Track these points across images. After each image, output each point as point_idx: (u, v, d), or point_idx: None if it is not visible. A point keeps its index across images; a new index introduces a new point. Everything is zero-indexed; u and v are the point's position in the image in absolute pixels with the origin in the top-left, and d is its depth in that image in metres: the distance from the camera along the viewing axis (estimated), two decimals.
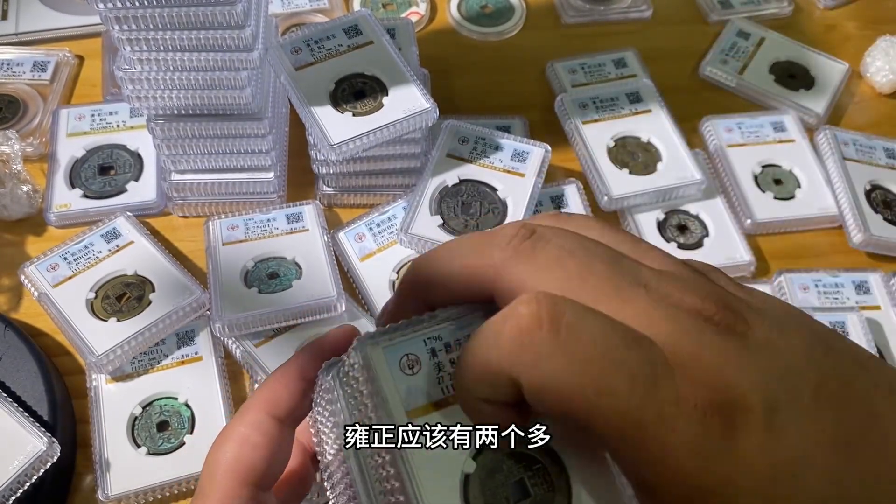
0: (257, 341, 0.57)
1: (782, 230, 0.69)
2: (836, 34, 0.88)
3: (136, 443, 0.54)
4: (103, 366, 0.55)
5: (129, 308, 0.58)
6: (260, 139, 0.61)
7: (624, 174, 0.67)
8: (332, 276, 0.60)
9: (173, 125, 0.60)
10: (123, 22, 0.53)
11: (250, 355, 0.56)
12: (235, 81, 0.57)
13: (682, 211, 0.68)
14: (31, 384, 0.54)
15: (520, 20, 0.85)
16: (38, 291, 0.59)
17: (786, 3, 0.88)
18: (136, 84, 0.57)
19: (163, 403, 0.56)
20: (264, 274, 0.60)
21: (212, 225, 0.63)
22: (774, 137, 0.74)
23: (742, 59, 0.81)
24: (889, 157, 0.72)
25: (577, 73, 0.79)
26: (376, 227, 0.64)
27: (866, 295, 0.64)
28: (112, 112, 0.71)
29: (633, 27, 0.86)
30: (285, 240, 0.63)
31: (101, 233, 0.63)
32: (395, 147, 0.63)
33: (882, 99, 0.82)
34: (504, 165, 0.65)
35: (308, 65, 0.62)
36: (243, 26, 0.54)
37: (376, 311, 0.60)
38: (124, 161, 0.69)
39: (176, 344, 0.58)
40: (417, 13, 0.84)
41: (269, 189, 0.65)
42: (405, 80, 0.61)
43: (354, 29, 0.64)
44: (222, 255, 0.61)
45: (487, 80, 0.80)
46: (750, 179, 0.70)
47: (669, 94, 0.74)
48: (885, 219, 0.68)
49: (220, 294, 0.58)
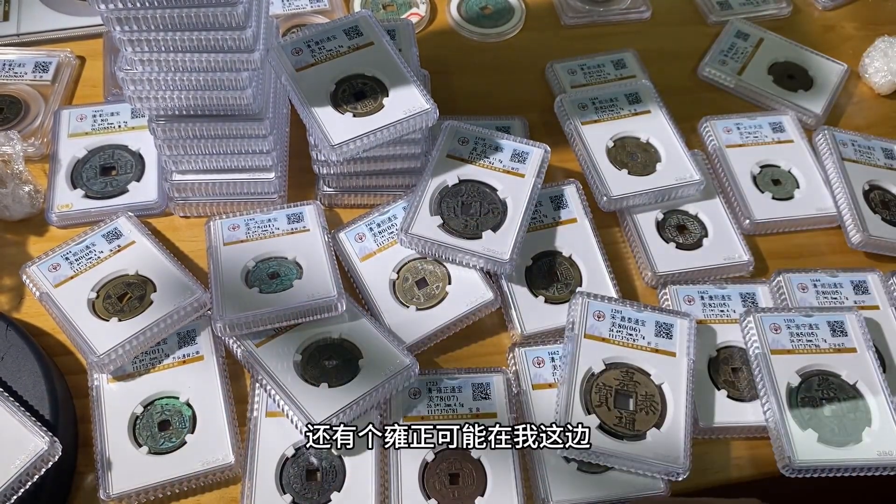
0: (258, 341, 0.57)
1: (781, 230, 0.70)
2: (835, 35, 0.88)
3: (137, 442, 0.55)
4: (105, 365, 0.55)
5: (131, 308, 0.59)
6: (261, 140, 0.61)
7: (623, 174, 0.68)
8: (332, 275, 0.60)
9: (174, 126, 0.60)
10: (125, 23, 0.53)
11: (251, 355, 0.57)
12: (236, 82, 0.57)
13: (681, 211, 0.68)
14: (33, 384, 0.54)
15: (519, 21, 0.85)
16: (40, 291, 0.59)
17: (784, 3, 0.89)
18: (138, 85, 0.57)
19: (164, 403, 0.56)
20: (265, 274, 0.61)
21: (213, 225, 0.63)
22: (773, 138, 0.74)
23: (741, 60, 0.81)
24: (887, 157, 0.73)
25: (577, 73, 0.79)
26: (377, 227, 0.65)
27: (865, 295, 0.64)
28: (113, 113, 0.72)
29: (632, 28, 0.87)
30: (286, 240, 0.63)
31: (103, 233, 0.63)
32: (396, 147, 0.63)
33: (880, 99, 0.82)
34: (504, 166, 0.65)
35: (309, 66, 0.62)
36: (244, 27, 0.54)
37: (376, 310, 0.60)
38: (126, 161, 0.69)
39: (177, 343, 0.58)
40: (417, 14, 0.84)
41: (269, 189, 0.65)
42: (405, 81, 0.61)
43: (355, 30, 0.64)
44: (223, 254, 0.61)
45: (487, 80, 0.80)
46: (749, 180, 0.71)
47: (668, 94, 0.74)
48: (883, 219, 0.68)
49: (221, 293, 0.58)
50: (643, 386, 0.57)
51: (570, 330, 0.58)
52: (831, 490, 0.76)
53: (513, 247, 0.60)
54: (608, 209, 0.67)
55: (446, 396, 0.57)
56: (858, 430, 0.56)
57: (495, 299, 0.60)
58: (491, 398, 0.57)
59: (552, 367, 0.58)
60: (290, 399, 0.54)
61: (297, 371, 0.56)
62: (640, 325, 0.59)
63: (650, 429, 0.55)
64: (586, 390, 0.56)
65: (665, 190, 0.67)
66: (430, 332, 0.59)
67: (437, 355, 0.61)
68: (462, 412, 0.56)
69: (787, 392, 0.57)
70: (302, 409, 0.53)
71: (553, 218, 0.66)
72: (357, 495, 0.53)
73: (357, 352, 0.57)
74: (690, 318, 0.60)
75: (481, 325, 0.62)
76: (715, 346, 0.61)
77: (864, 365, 0.59)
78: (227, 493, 0.54)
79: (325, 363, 0.56)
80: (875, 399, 0.57)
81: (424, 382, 0.57)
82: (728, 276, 0.66)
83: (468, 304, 0.60)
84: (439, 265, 0.63)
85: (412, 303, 0.61)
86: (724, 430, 0.57)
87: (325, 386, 0.55)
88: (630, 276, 0.66)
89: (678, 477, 0.53)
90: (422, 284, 0.62)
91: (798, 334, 0.60)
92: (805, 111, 0.77)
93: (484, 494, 0.53)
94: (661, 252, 0.65)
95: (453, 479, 0.54)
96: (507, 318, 0.62)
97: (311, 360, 0.57)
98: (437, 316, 0.60)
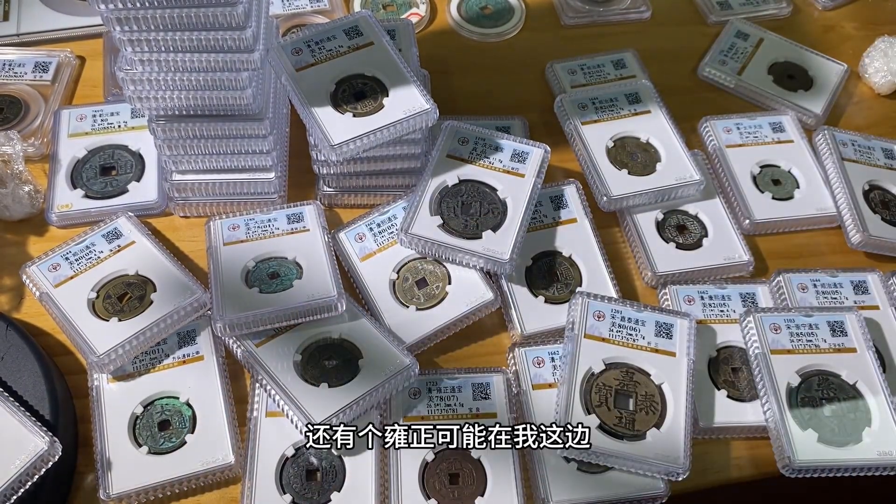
0: (258, 341, 0.57)
1: (781, 230, 0.70)
2: (835, 35, 0.88)
3: (137, 442, 0.54)
4: (104, 365, 0.55)
5: (131, 308, 0.59)
6: (261, 140, 0.61)
7: (623, 174, 0.68)
8: (332, 275, 0.60)
9: (174, 126, 0.60)
10: (125, 23, 0.53)
11: (251, 355, 0.57)
12: (236, 82, 0.57)
13: (681, 211, 0.68)
14: (33, 384, 0.54)
15: (519, 21, 0.85)
16: (40, 291, 0.59)
17: (784, 3, 0.89)
18: (138, 85, 0.57)
19: (164, 403, 0.56)
20: (265, 274, 0.61)
21: (213, 225, 0.63)
22: (773, 138, 0.74)
23: (741, 60, 0.82)
24: (887, 157, 0.73)
25: (577, 73, 0.79)
26: (377, 227, 0.65)
27: (865, 295, 0.64)
28: (113, 113, 0.72)
29: (632, 28, 0.87)
30: (286, 240, 0.63)
31: (103, 233, 0.63)
32: (396, 147, 0.63)
33: (880, 99, 0.82)
34: (504, 166, 0.65)
35: (309, 66, 0.62)
36: (244, 27, 0.54)
37: (376, 310, 0.60)
38: (126, 161, 0.69)
39: (177, 343, 0.58)
40: (417, 14, 0.84)
41: (269, 189, 0.65)
42: (405, 81, 0.61)
43: (355, 30, 0.64)
44: (223, 255, 0.61)
45: (487, 80, 0.80)
46: (748, 180, 0.71)
47: (668, 94, 0.74)
48: (883, 219, 0.68)
49: (221, 294, 0.58)
50: (643, 386, 0.57)
51: (569, 330, 0.58)
52: (831, 490, 0.77)
53: (513, 247, 0.60)
54: (608, 209, 0.67)
55: (446, 396, 0.57)
56: (858, 430, 0.56)
57: (495, 299, 0.60)
58: (491, 398, 0.57)
59: (552, 367, 0.58)
60: (291, 399, 0.54)
61: (297, 371, 0.56)
62: (640, 325, 0.59)
63: (650, 429, 0.55)
64: (586, 390, 0.56)
65: (665, 190, 0.67)
66: (430, 331, 0.59)
67: (437, 355, 0.61)
68: (462, 412, 0.56)
69: (787, 392, 0.57)
70: (302, 409, 0.53)
71: (553, 218, 0.66)
72: (357, 495, 0.53)
73: (357, 352, 0.57)
74: (690, 318, 0.60)
75: (481, 325, 0.62)
76: (715, 346, 0.61)
77: (864, 365, 0.59)
78: (226, 493, 0.54)
79: (325, 363, 0.56)
80: (875, 399, 0.57)
81: (424, 382, 0.57)
82: (728, 276, 0.66)
83: (468, 303, 0.60)
84: (439, 265, 0.63)
85: (412, 303, 0.61)
86: (725, 430, 0.57)
87: (325, 386, 0.55)
88: (630, 276, 0.66)
89: (678, 477, 0.53)
90: (422, 284, 0.62)
91: (798, 334, 0.60)
92: (805, 111, 0.77)
93: (484, 494, 0.53)
94: (661, 252, 0.65)
95: (453, 479, 0.54)
96: (507, 318, 0.62)
97: (312, 360, 0.57)
98: (437, 316, 0.60)
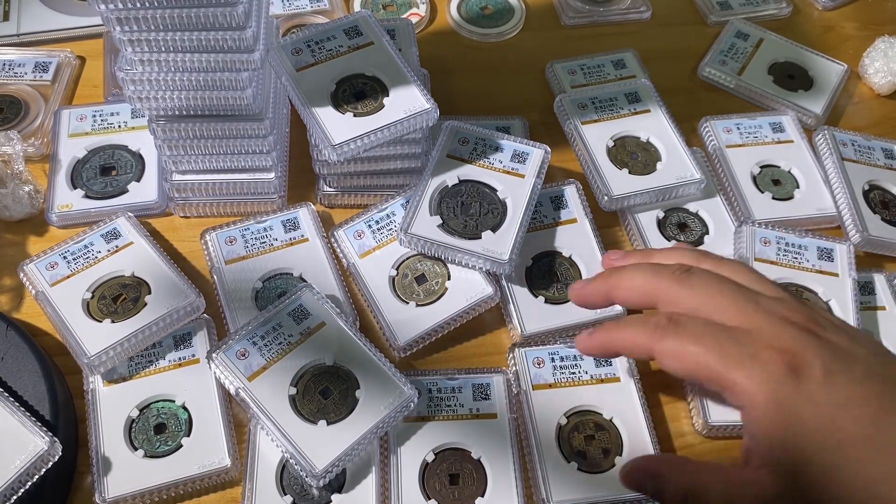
0: (250, 374, 0.55)
1: None
2: (835, 35, 0.88)
3: (133, 445, 0.54)
4: (95, 367, 0.55)
5: (125, 309, 0.58)
6: (261, 140, 0.61)
7: (623, 174, 0.68)
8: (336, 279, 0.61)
9: (174, 126, 0.60)
10: (125, 23, 0.53)
11: (245, 389, 0.55)
12: (236, 82, 0.57)
13: (682, 209, 0.68)
14: (33, 383, 0.54)
15: (519, 21, 0.85)
16: (36, 289, 0.59)
17: (784, 3, 0.89)
18: (138, 85, 0.57)
19: (160, 406, 0.56)
20: (274, 294, 0.61)
21: (210, 239, 0.63)
22: (773, 138, 0.74)
23: (741, 60, 0.82)
24: (887, 157, 0.73)
25: (577, 73, 0.79)
26: (375, 224, 0.65)
27: (870, 295, 0.64)
28: (113, 113, 0.72)
29: (632, 28, 0.87)
30: (287, 252, 0.63)
31: (102, 233, 0.63)
32: (396, 147, 0.63)
33: (880, 100, 0.82)
34: (504, 166, 0.65)
35: (309, 66, 0.62)
36: (244, 27, 0.54)
37: (376, 308, 0.60)
38: (126, 162, 0.69)
39: (173, 346, 0.58)
40: (417, 14, 0.84)
41: (270, 189, 0.65)
42: (405, 81, 0.61)
43: (355, 30, 0.64)
44: (227, 275, 0.61)
45: (487, 80, 0.80)
46: (748, 180, 0.71)
47: (668, 94, 0.74)
48: (883, 219, 0.68)
49: (234, 319, 0.59)
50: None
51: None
52: None
53: (512, 247, 0.60)
54: (609, 209, 0.67)
55: (446, 397, 0.57)
56: None
57: (495, 294, 0.60)
58: (491, 398, 0.57)
59: (552, 367, 0.58)
60: (290, 443, 0.52)
61: (292, 407, 0.54)
62: None
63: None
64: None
65: (666, 189, 0.67)
66: (431, 327, 0.59)
67: (436, 355, 0.61)
68: (462, 412, 0.56)
69: None
70: (305, 457, 0.51)
71: (553, 218, 0.66)
72: (357, 496, 0.53)
73: (354, 381, 0.55)
74: None
75: (481, 325, 0.62)
76: None
77: None
78: (226, 496, 0.54)
79: (321, 398, 0.54)
80: None
81: (424, 382, 0.57)
82: None
83: (468, 298, 0.60)
84: (438, 261, 0.63)
85: (412, 299, 0.61)
86: (725, 430, 0.57)
87: (322, 423, 0.53)
88: None
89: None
90: (421, 280, 0.62)
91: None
92: (805, 111, 0.77)
93: (484, 495, 0.53)
94: None
95: (453, 479, 0.54)
96: (507, 318, 0.62)
97: (307, 392, 0.54)
98: (437, 311, 0.60)
